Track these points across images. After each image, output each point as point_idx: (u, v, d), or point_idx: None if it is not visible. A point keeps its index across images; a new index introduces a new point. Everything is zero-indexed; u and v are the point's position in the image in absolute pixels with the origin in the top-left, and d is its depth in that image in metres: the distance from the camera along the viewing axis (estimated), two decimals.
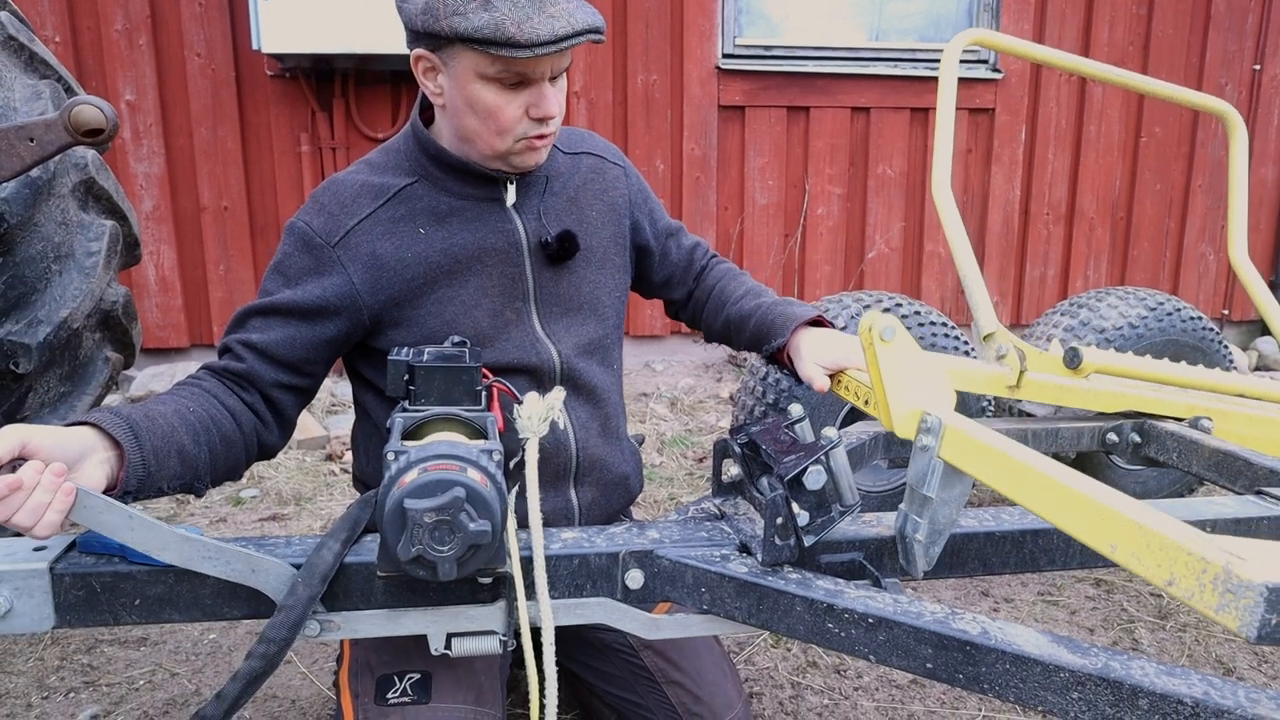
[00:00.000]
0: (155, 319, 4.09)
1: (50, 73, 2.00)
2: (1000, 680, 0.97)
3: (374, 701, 1.26)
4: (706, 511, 1.31)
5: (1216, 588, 0.72)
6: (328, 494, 2.98)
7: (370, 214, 1.31)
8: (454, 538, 0.92)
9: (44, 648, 2.00)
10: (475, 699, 1.29)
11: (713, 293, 1.64)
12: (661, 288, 1.67)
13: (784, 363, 1.51)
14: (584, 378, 1.43)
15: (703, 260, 1.68)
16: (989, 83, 4.60)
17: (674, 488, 3.09)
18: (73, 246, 1.95)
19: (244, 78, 4.02)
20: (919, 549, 1.13)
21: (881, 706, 1.83)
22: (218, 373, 1.28)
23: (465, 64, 1.20)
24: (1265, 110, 4.91)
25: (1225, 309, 5.10)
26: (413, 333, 1.32)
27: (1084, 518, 0.87)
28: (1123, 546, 0.82)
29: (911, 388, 1.18)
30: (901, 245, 4.70)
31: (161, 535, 1.00)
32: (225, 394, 1.25)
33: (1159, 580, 0.78)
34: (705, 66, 4.36)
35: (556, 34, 1.14)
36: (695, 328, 1.71)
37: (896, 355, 1.17)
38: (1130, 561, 0.81)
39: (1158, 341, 2.50)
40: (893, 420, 1.18)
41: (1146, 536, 0.79)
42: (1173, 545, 0.76)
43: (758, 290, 1.60)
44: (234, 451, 1.23)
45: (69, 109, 1.49)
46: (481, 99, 1.22)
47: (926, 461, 1.12)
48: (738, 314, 1.57)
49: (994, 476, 1.01)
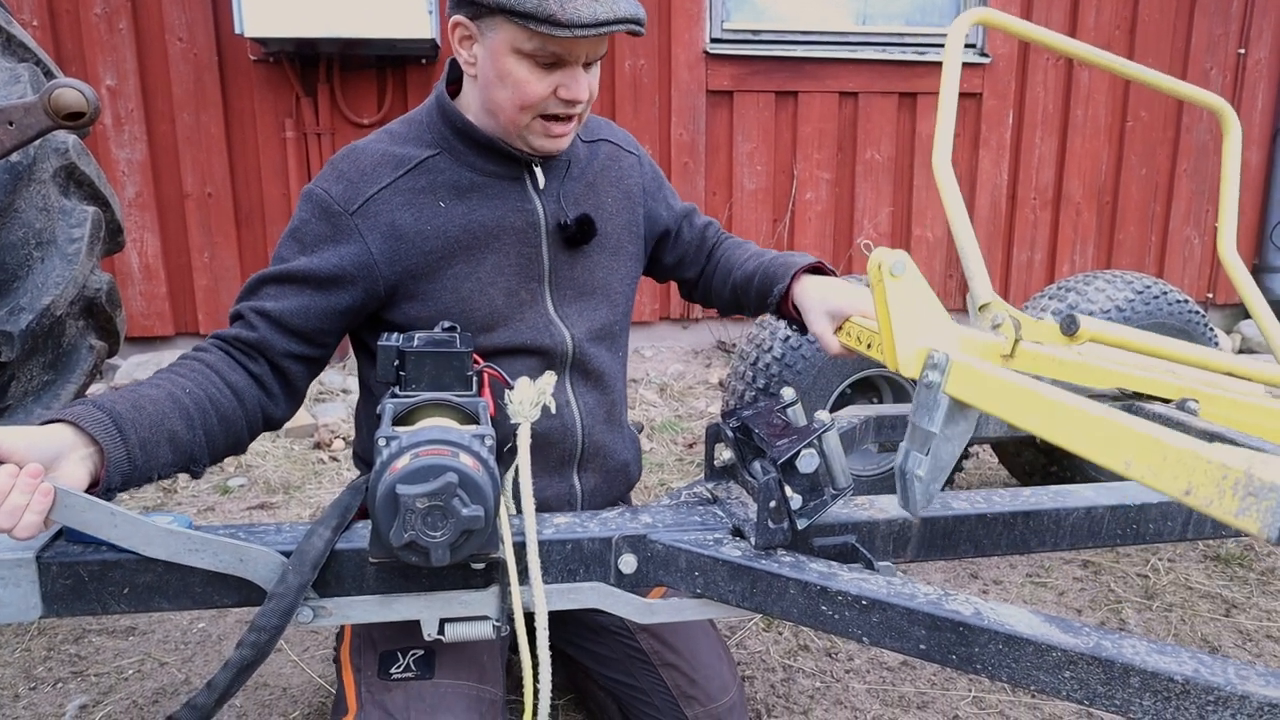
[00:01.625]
0: (140, 307, 4.05)
1: (29, 56, 1.96)
2: (993, 660, 0.97)
3: (377, 676, 1.26)
4: (699, 496, 1.31)
5: (1237, 492, 0.71)
6: (316, 482, 2.96)
7: (390, 183, 1.29)
8: (447, 523, 0.91)
9: (31, 638, 1.98)
10: (478, 677, 1.29)
11: (720, 264, 1.64)
12: (675, 269, 1.67)
13: (792, 315, 1.51)
14: (593, 363, 1.42)
15: (714, 239, 1.68)
16: (976, 67, 4.60)
17: (665, 473, 3.09)
18: (54, 233, 1.92)
19: (227, 62, 3.97)
20: (919, 486, 1.12)
21: (873, 689, 1.84)
22: (227, 342, 1.25)
23: (503, 36, 1.19)
24: (1249, 94, 4.93)
25: (1210, 293, 5.14)
26: (428, 307, 1.31)
27: (1098, 436, 0.86)
28: (1138, 461, 0.81)
29: (919, 326, 1.17)
30: (890, 230, 4.70)
31: (146, 531, 0.99)
32: (229, 368, 1.22)
33: (1176, 491, 0.77)
34: (693, 51, 4.34)
35: (598, 18, 1.14)
36: (709, 305, 1.70)
37: (905, 292, 1.15)
38: (1146, 475, 0.80)
39: (1145, 325, 2.51)
40: (898, 359, 1.17)
41: (1163, 450, 0.78)
42: (1191, 454, 0.76)
43: (760, 252, 1.60)
44: (234, 430, 1.21)
45: (49, 92, 1.46)
46: (513, 72, 1.21)
47: (932, 397, 1.10)
48: (742, 276, 1.57)
49: (1003, 407, 1.00)
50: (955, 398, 1.09)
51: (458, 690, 1.26)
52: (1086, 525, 1.31)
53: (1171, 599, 2.22)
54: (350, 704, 1.27)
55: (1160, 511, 1.33)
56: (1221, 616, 2.15)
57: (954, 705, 1.78)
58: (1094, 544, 1.33)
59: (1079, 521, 1.31)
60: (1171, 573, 2.36)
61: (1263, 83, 4.94)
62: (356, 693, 1.27)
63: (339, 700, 1.31)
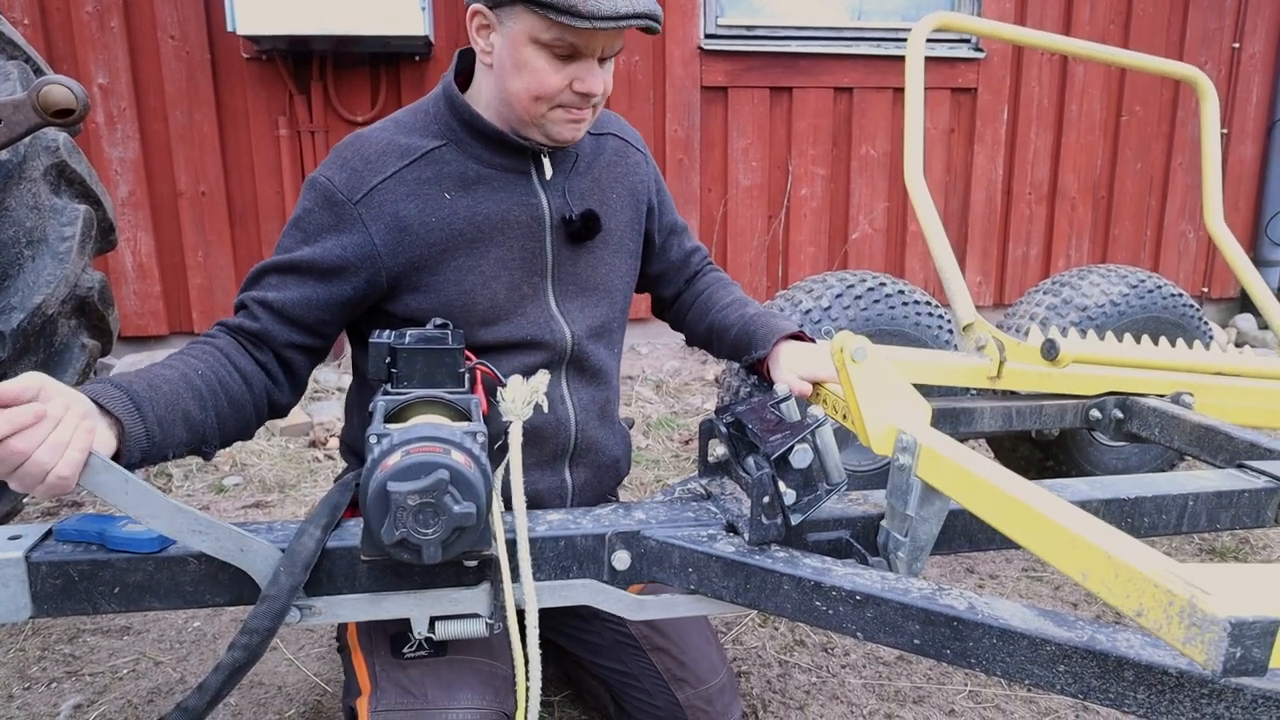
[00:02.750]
0: (134, 306, 4.04)
1: (18, 53, 1.95)
2: (988, 655, 0.97)
3: (390, 655, 1.27)
4: (693, 492, 1.30)
5: (1183, 621, 0.73)
6: (311, 481, 2.96)
7: (395, 173, 1.28)
8: (438, 520, 0.91)
9: (25, 638, 1.98)
10: (489, 654, 1.30)
11: (700, 297, 1.66)
12: (654, 281, 1.68)
13: (763, 374, 1.53)
14: (591, 360, 1.42)
15: (698, 265, 1.70)
16: (971, 62, 4.59)
17: (660, 470, 3.09)
18: (45, 231, 1.91)
19: (219, 60, 3.95)
20: (902, 566, 1.15)
21: (869, 683, 1.84)
22: (232, 330, 1.25)
23: (522, 25, 1.18)
24: (1244, 88, 4.93)
25: (1205, 286, 5.14)
26: (430, 299, 1.30)
27: (1057, 545, 0.89)
28: (1094, 575, 0.84)
29: (885, 405, 1.21)
30: (885, 225, 4.70)
31: (155, 502, 0.98)
32: (237, 353, 1.22)
33: (1129, 610, 0.80)
34: (687, 47, 4.33)
35: (618, 10, 1.14)
36: (678, 329, 1.73)
37: (868, 375, 1.20)
38: (1101, 589, 0.83)
39: (1139, 319, 2.51)
40: (869, 437, 1.21)
41: (1115, 566, 0.80)
42: (1140, 576, 0.78)
43: (744, 301, 1.63)
44: (243, 413, 1.22)
45: (38, 88, 1.45)
46: (530, 62, 1.20)
47: (905, 480, 1.15)
48: (721, 321, 1.59)
49: (970, 499, 1.04)
50: (927, 482, 1.12)
51: (473, 666, 1.26)
52: None
53: None
54: (364, 684, 1.27)
55: (1155, 505, 1.33)
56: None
57: (949, 700, 1.78)
58: None
59: None
60: None
61: (1257, 76, 4.94)
62: (370, 672, 1.27)
63: (350, 683, 1.31)
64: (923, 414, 1.23)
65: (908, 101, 2.20)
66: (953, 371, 1.98)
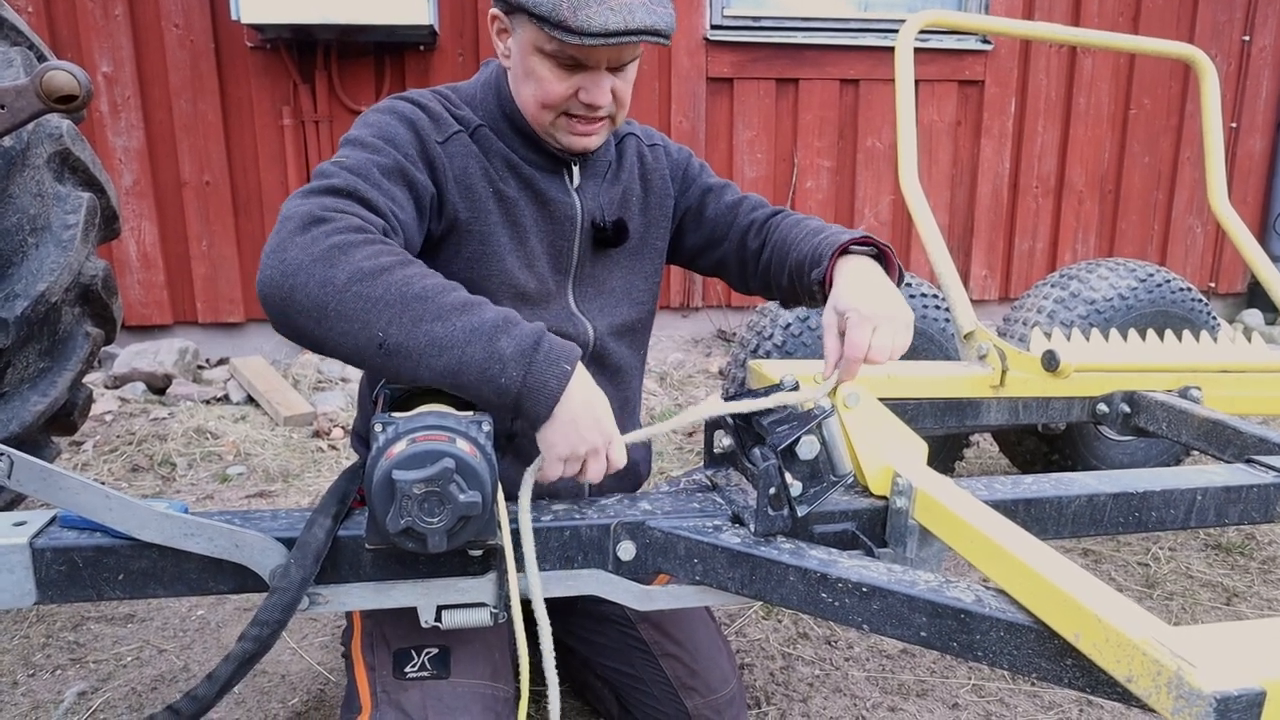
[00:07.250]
0: (138, 295, 4.04)
1: (22, 39, 1.94)
2: (994, 648, 0.97)
3: (392, 675, 1.25)
4: (698, 483, 1.30)
5: (1170, 692, 0.73)
6: (315, 470, 2.96)
7: (456, 134, 1.26)
8: (444, 509, 0.91)
9: (29, 625, 1.98)
10: (491, 675, 1.29)
11: (775, 250, 1.42)
12: (706, 250, 1.51)
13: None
14: (613, 358, 1.41)
15: (750, 214, 1.47)
16: (978, 54, 4.56)
17: (664, 462, 3.08)
18: (49, 219, 1.91)
19: (223, 49, 3.94)
20: None
21: (872, 676, 1.83)
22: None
23: (527, 34, 1.18)
24: (1254, 81, 4.90)
25: (1212, 282, 5.12)
26: (465, 269, 1.26)
27: (1050, 603, 0.90)
28: (1086, 637, 0.84)
29: (880, 446, 1.24)
30: (891, 218, 4.68)
31: (140, 514, 0.98)
32: None
33: (1119, 675, 0.80)
34: (693, 37, 4.31)
35: (609, 28, 1.10)
36: (769, 296, 1.50)
37: (862, 419, 1.23)
38: (1092, 652, 0.84)
39: (1147, 312, 2.50)
40: (867, 478, 1.24)
41: (1107, 631, 0.81)
42: (1130, 644, 0.78)
43: (817, 229, 1.37)
44: None
45: (40, 74, 1.45)
46: (536, 70, 1.19)
47: (903, 523, 1.18)
48: (795, 262, 1.36)
49: (964, 548, 1.06)
50: (924, 526, 1.14)
51: (474, 690, 1.25)
52: (1089, 513, 1.30)
53: (1172, 588, 2.22)
54: (364, 702, 1.26)
55: (1163, 499, 1.33)
56: (1222, 605, 2.14)
57: (953, 693, 1.78)
58: (1096, 531, 1.33)
59: (1081, 509, 1.30)
60: (1172, 561, 2.36)
61: (1267, 69, 4.90)
62: (371, 691, 1.26)
63: (350, 697, 1.30)
64: (918, 454, 1.25)
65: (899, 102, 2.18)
66: (957, 382, 2.00)
